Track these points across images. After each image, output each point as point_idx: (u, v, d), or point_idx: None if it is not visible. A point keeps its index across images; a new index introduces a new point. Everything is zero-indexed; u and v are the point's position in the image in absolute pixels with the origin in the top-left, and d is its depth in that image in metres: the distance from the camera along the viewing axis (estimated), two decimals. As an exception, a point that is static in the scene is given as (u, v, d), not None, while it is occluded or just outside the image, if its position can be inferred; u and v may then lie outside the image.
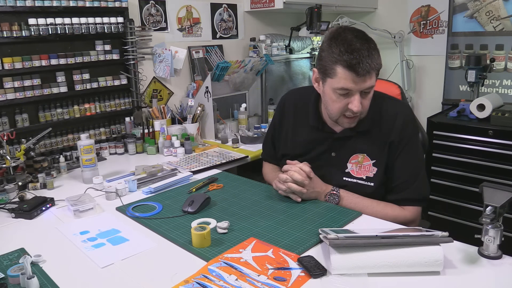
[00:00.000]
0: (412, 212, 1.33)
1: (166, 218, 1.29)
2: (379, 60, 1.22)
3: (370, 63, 1.18)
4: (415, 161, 1.35)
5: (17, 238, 1.21)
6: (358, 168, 1.36)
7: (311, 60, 3.27)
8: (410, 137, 1.33)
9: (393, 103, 1.38)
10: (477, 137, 2.39)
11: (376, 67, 1.21)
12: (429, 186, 1.37)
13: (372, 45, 1.22)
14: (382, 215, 1.29)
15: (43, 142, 1.90)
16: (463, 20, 2.96)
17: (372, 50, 1.20)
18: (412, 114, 1.39)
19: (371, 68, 1.19)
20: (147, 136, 2.14)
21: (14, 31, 1.76)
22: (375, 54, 1.20)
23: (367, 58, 1.18)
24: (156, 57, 2.35)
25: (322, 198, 1.37)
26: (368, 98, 1.27)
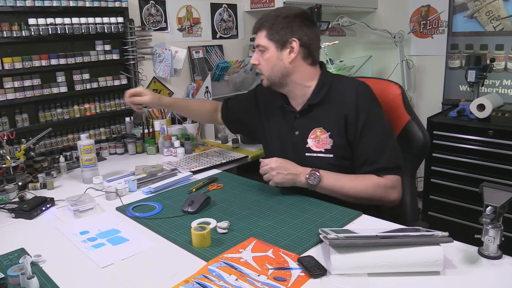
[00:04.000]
0: (391, 180, 1.35)
1: (166, 218, 1.29)
2: (267, 24, 1.38)
3: (259, 23, 1.41)
4: (381, 132, 1.38)
5: (17, 238, 1.22)
6: (316, 142, 1.42)
7: (311, 60, 3.27)
8: (368, 110, 1.37)
9: (347, 79, 1.49)
10: (477, 137, 2.39)
11: (261, 28, 1.39)
12: (401, 155, 1.39)
13: (278, 14, 1.38)
14: (363, 187, 1.34)
15: (43, 142, 1.90)
16: (463, 20, 2.96)
17: (271, 17, 1.38)
18: (367, 87, 1.42)
19: (256, 28, 1.41)
20: (147, 136, 2.14)
21: (14, 31, 1.76)
22: (269, 19, 1.39)
23: (260, 20, 1.41)
24: (156, 57, 2.35)
25: (302, 179, 1.36)
26: (263, 58, 1.41)
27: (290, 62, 1.39)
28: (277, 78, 1.42)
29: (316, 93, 1.42)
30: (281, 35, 1.37)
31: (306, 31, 1.38)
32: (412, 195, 1.56)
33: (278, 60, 1.39)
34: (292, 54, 1.38)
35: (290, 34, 1.37)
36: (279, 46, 1.38)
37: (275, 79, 1.43)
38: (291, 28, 1.36)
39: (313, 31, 1.41)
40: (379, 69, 3.46)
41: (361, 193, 1.34)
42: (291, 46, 1.38)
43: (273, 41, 1.38)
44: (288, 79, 1.42)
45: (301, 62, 1.41)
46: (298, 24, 1.37)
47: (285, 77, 1.42)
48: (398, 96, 1.59)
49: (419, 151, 1.54)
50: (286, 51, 1.38)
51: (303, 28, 1.38)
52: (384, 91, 1.63)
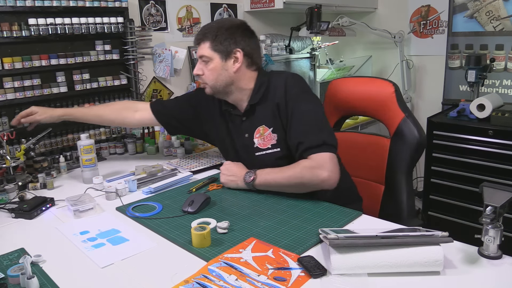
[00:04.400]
0: (317, 159, 1.32)
1: (166, 218, 1.29)
2: (211, 35, 1.41)
3: (201, 34, 1.43)
4: (308, 115, 1.39)
5: (17, 238, 1.21)
6: (262, 140, 1.47)
7: (311, 60, 3.27)
8: (296, 96, 1.41)
9: (278, 74, 1.51)
10: (477, 137, 2.39)
11: (204, 39, 1.42)
12: (333, 136, 1.38)
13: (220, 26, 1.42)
14: (292, 172, 1.35)
15: (43, 142, 1.90)
16: (463, 20, 2.96)
17: (213, 29, 1.42)
18: (296, 77, 1.47)
19: (199, 39, 1.44)
20: (147, 136, 2.14)
21: (14, 31, 1.76)
22: (211, 30, 1.42)
23: (202, 31, 1.44)
24: (156, 57, 2.35)
25: (241, 180, 1.45)
26: (208, 68, 1.44)
27: (235, 71, 1.43)
28: (222, 87, 1.46)
29: (255, 93, 1.47)
30: (225, 45, 1.41)
31: (248, 41, 1.44)
32: (409, 194, 1.55)
33: (223, 70, 1.43)
34: (237, 63, 1.43)
35: (234, 45, 1.41)
36: (223, 57, 1.42)
37: (219, 88, 1.47)
38: (234, 39, 1.41)
39: (254, 41, 1.48)
40: (379, 69, 3.46)
41: (292, 180, 1.35)
42: (235, 56, 1.42)
43: (218, 51, 1.41)
44: (233, 86, 1.47)
45: (245, 70, 1.46)
46: (240, 35, 1.43)
47: (229, 86, 1.46)
48: (391, 94, 1.60)
49: (414, 149, 1.53)
50: (231, 61, 1.43)
51: (245, 39, 1.44)
52: (377, 90, 1.65)
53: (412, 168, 1.57)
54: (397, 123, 1.56)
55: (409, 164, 1.56)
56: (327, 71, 3.27)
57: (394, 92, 1.60)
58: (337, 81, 1.80)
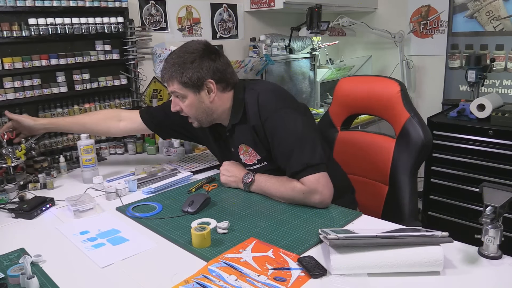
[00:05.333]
0: (307, 183, 1.29)
1: (166, 218, 1.29)
2: (177, 74, 1.35)
3: (167, 75, 1.38)
4: (289, 135, 1.34)
5: (17, 238, 1.21)
6: (248, 156, 1.46)
7: (311, 60, 3.27)
8: (270, 114, 1.36)
9: (251, 88, 1.44)
10: (477, 137, 2.39)
11: (171, 79, 1.37)
12: (317, 151, 1.32)
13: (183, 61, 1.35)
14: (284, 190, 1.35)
15: (43, 142, 1.90)
16: (463, 20, 2.96)
17: (177, 66, 1.36)
18: (269, 92, 1.41)
19: (166, 79, 1.40)
20: (147, 136, 2.14)
21: (14, 31, 1.76)
22: (176, 68, 1.36)
23: (167, 71, 1.38)
24: (156, 57, 2.35)
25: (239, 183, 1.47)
26: (184, 104, 1.41)
27: (211, 101, 1.40)
28: (204, 117, 1.44)
29: (234, 114, 1.43)
30: (194, 80, 1.35)
31: (216, 66, 1.38)
32: (412, 195, 1.53)
33: (199, 103, 1.40)
34: (212, 93, 1.39)
35: (203, 77, 1.36)
36: (196, 91, 1.38)
37: (203, 120, 1.45)
38: (201, 70, 1.35)
39: (221, 61, 1.40)
40: (379, 69, 3.46)
41: (285, 196, 1.35)
42: (208, 87, 1.38)
43: (189, 87, 1.37)
44: (215, 114, 1.44)
45: (220, 95, 1.42)
46: (207, 63, 1.36)
47: (211, 115, 1.44)
48: (397, 93, 1.57)
49: (419, 149, 1.50)
50: (205, 92, 1.39)
51: (212, 64, 1.37)
52: (383, 89, 1.63)
53: (416, 170, 1.55)
54: (402, 123, 1.54)
55: (413, 165, 1.53)
56: (327, 71, 3.27)
57: (400, 92, 1.57)
58: (345, 80, 1.79)
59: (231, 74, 1.44)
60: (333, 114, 1.82)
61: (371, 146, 1.70)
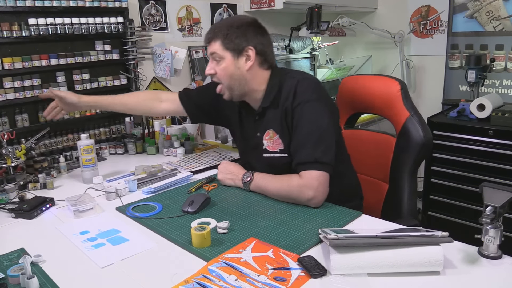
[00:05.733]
0: (306, 177, 1.30)
1: (166, 218, 1.29)
2: (222, 34, 1.37)
3: (211, 32, 1.40)
4: (311, 126, 1.34)
5: (17, 238, 1.21)
6: (271, 143, 1.45)
7: (311, 60, 3.27)
8: (303, 102, 1.35)
9: (291, 75, 1.44)
10: (477, 137, 2.39)
11: (215, 37, 1.38)
12: (330, 152, 1.33)
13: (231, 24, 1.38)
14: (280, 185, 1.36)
15: (43, 142, 1.90)
16: (463, 20, 2.96)
17: (224, 27, 1.38)
18: (309, 81, 1.41)
19: (210, 37, 1.40)
20: (147, 136, 2.14)
21: (14, 31, 1.76)
22: (222, 28, 1.38)
23: (212, 29, 1.41)
24: (156, 57, 2.35)
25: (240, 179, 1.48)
26: (219, 67, 1.40)
27: (247, 69, 1.39)
28: (236, 87, 1.42)
29: (267, 96, 1.43)
30: (236, 43, 1.37)
31: (260, 39, 1.40)
32: (411, 193, 1.53)
33: (236, 68, 1.39)
34: (249, 62, 1.39)
35: (245, 43, 1.37)
36: (235, 55, 1.38)
37: (235, 89, 1.43)
38: (246, 37, 1.37)
39: (267, 38, 1.43)
40: (379, 69, 3.46)
41: (281, 192, 1.36)
42: (248, 54, 1.38)
43: (229, 50, 1.37)
44: (247, 87, 1.43)
45: (257, 69, 1.42)
46: (252, 33, 1.38)
47: (243, 86, 1.42)
48: (397, 92, 1.57)
49: (418, 148, 1.50)
50: (243, 59, 1.39)
51: (257, 36, 1.39)
52: (383, 88, 1.63)
53: (415, 169, 1.55)
54: (402, 122, 1.54)
55: (413, 164, 1.53)
56: (327, 71, 3.26)
57: (400, 90, 1.57)
58: (348, 79, 1.79)
59: (271, 55, 1.45)
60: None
61: (372, 145, 1.71)
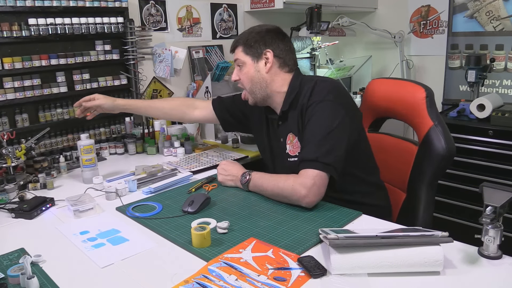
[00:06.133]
0: (303, 175, 1.28)
1: (166, 218, 1.29)
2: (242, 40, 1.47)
3: (235, 41, 1.51)
4: (319, 125, 1.33)
5: (17, 238, 1.21)
6: (292, 147, 1.46)
7: (311, 60, 3.27)
8: (318, 102, 1.36)
9: (310, 79, 1.46)
10: (477, 137, 2.39)
11: (237, 44, 1.49)
12: (335, 154, 1.29)
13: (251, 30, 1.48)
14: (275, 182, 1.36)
15: (43, 142, 1.90)
16: (463, 20, 2.96)
17: (245, 33, 1.49)
18: (327, 83, 1.41)
19: (234, 46, 1.51)
20: (147, 136, 2.14)
21: (14, 31, 1.76)
22: (243, 35, 1.49)
23: (236, 38, 1.51)
24: (156, 57, 2.35)
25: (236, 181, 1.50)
26: (242, 72, 1.48)
27: (267, 72, 1.45)
28: (258, 90, 1.47)
29: (287, 98, 1.46)
30: (255, 47, 1.45)
31: (279, 43, 1.45)
32: (427, 207, 1.44)
33: (256, 71, 1.46)
34: (268, 64, 1.44)
35: (264, 46, 1.44)
36: (254, 58, 1.45)
37: (256, 92, 1.48)
38: (264, 41, 1.44)
39: (286, 43, 1.48)
40: (379, 69, 3.46)
41: (275, 190, 1.36)
42: (266, 57, 1.44)
43: (249, 54, 1.46)
44: (268, 89, 1.47)
45: (277, 71, 1.46)
46: (271, 37, 1.45)
47: (264, 89, 1.46)
48: (421, 100, 1.48)
49: (439, 160, 1.41)
50: (262, 62, 1.45)
51: (276, 41, 1.45)
52: (407, 94, 1.55)
53: (435, 181, 1.46)
54: (425, 131, 1.46)
55: (432, 176, 1.44)
56: (327, 71, 3.27)
57: (425, 98, 1.48)
58: (375, 81, 1.72)
59: (291, 59, 1.49)
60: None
61: (394, 151, 1.64)
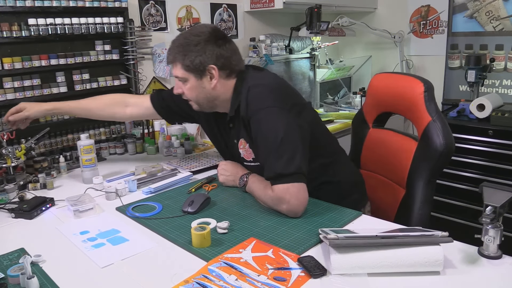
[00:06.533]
0: (276, 192, 1.25)
1: (166, 218, 1.29)
2: (180, 56, 1.33)
3: (171, 56, 1.36)
4: (266, 138, 1.28)
5: (17, 238, 1.21)
6: (245, 152, 1.42)
7: (311, 60, 3.28)
8: (256, 112, 1.30)
9: (245, 82, 1.37)
10: (477, 137, 2.39)
11: (175, 61, 1.35)
12: (296, 160, 1.24)
13: (188, 42, 1.33)
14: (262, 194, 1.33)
15: (43, 142, 1.89)
16: (463, 20, 2.96)
17: (181, 47, 1.34)
18: (260, 88, 1.34)
19: (170, 61, 1.38)
20: (147, 136, 2.14)
21: (14, 31, 1.76)
22: (180, 50, 1.34)
23: (171, 52, 1.36)
24: (156, 57, 2.35)
25: (236, 181, 1.47)
26: (186, 87, 1.39)
27: (213, 88, 1.36)
28: (205, 103, 1.41)
29: (232, 106, 1.40)
30: (196, 65, 1.32)
31: (221, 52, 1.34)
32: (423, 203, 1.42)
33: (201, 88, 1.37)
34: (214, 80, 1.35)
35: (206, 62, 1.32)
36: (198, 76, 1.35)
37: (203, 105, 1.42)
38: (205, 56, 1.32)
39: (227, 47, 1.36)
40: (379, 69, 3.46)
41: (261, 200, 1.35)
42: (210, 73, 1.34)
43: (190, 72, 1.34)
44: (216, 101, 1.41)
45: (223, 82, 1.38)
46: (211, 49, 1.32)
47: (212, 101, 1.40)
48: (420, 94, 1.45)
49: (437, 156, 1.39)
50: (207, 78, 1.35)
51: (217, 50, 1.33)
52: (406, 89, 1.52)
53: (433, 177, 1.43)
54: (423, 126, 1.44)
55: (430, 172, 1.42)
56: (327, 71, 3.27)
57: (423, 93, 1.45)
58: (377, 76, 1.69)
59: (237, 61, 1.39)
60: (365, 111, 1.75)
61: (395, 147, 1.61)
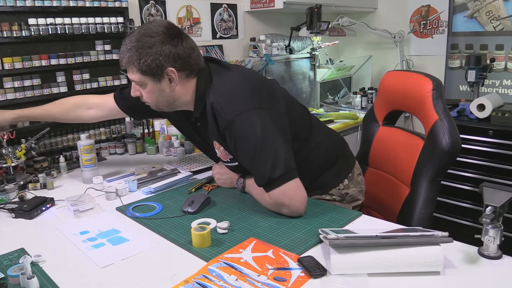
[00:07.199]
0: (273, 198, 1.24)
1: (166, 218, 1.29)
2: (134, 60, 1.21)
3: (125, 60, 1.24)
4: (245, 145, 1.23)
5: (17, 238, 1.21)
6: (220, 153, 1.36)
7: (311, 60, 3.28)
8: (228, 121, 1.22)
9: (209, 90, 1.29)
10: (477, 137, 2.40)
11: (129, 65, 1.24)
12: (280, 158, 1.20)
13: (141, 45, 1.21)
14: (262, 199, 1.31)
15: (43, 142, 1.90)
16: (463, 20, 2.96)
17: (134, 50, 1.21)
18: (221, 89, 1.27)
19: (124, 65, 1.26)
20: (147, 136, 2.14)
21: (14, 31, 1.76)
22: (133, 53, 1.21)
23: (124, 55, 1.24)
24: (156, 57, 2.35)
25: (234, 182, 1.48)
26: (144, 91, 1.29)
27: (173, 90, 1.28)
28: (165, 105, 1.33)
29: (196, 108, 1.33)
30: (153, 68, 1.22)
31: (177, 52, 1.23)
32: (425, 203, 1.40)
33: (160, 91, 1.27)
34: (173, 82, 1.26)
35: (163, 65, 1.22)
36: (156, 79, 1.25)
37: (163, 107, 1.34)
38: (161, 58, 1.21)
39: (184, 46, 1.24)
40: (379, 69, 3.46)
41: (263, 205, 1.32)
42: (169, 76, 1.25)
43: (147, 75, 1.24)
44: (176, 102, 1.33)
45: (184, 83, 1.28)
46: (167, 50, 1.21)
47: (172, 103, 1.32)
48: (428, 92, 1.42)
49: (441, 156, 1.37)
50: (166, 80, 1.25)
51: (175, 49, 1.22)
52: (415, 86, 1.50)
53: (437, 177, 1.41)
54: (430, 124, 1.42)
55: (434, 171, 1.40)
56: (327, 71, 3.27)
57: (431, 91, 1.42)
58: (388, 74, 1.69)
59: (196, 59, 1.28)
60: (376, 108, 1.75)
61: (402, 145, 1.60)
